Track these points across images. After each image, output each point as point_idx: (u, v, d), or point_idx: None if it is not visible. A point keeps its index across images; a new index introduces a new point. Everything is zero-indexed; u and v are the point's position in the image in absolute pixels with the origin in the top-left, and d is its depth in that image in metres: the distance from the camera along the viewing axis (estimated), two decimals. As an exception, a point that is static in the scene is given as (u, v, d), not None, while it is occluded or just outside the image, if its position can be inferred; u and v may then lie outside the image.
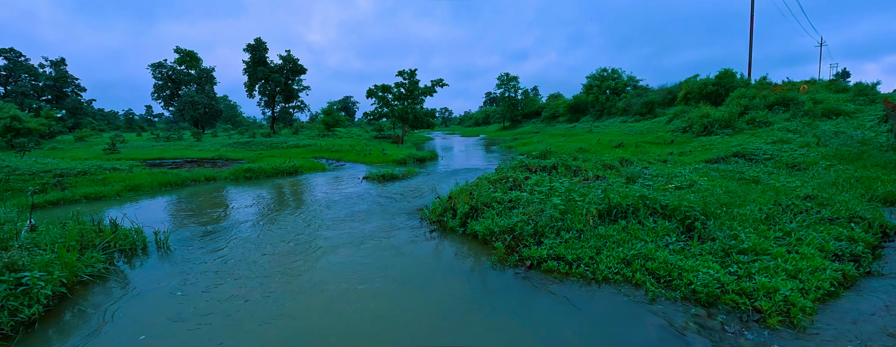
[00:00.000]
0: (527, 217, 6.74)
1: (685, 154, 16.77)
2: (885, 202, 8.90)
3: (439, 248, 7.23)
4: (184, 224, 9.48)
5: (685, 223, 6.57)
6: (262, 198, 12.75)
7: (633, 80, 49.05)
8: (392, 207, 10.73)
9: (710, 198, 7.54)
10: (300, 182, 16.03)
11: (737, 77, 32.47)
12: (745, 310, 4.46)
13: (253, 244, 7.76)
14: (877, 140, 14.88)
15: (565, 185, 8.23)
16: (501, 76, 67.43)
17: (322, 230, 8.71)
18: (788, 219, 6.87)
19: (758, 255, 5.48)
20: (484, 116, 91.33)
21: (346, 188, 14.08)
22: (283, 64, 47.00)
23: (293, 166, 18.74)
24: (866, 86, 26.48)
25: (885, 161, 11.91)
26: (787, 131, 18.60)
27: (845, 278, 5.21)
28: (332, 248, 7.40)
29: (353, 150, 27.60)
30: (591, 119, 46.83)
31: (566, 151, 19.94)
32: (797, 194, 8.52)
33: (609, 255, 5.63)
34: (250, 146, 31.37)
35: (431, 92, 42.93)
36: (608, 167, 12.31)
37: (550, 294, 5.12)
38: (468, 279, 5.78)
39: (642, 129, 30.71)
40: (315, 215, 10.09)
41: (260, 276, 6.12)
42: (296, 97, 51.41)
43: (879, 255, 6.17)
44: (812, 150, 14.52)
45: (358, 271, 6.21)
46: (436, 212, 8.49)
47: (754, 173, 11.14)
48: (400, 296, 5.33)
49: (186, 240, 8.16)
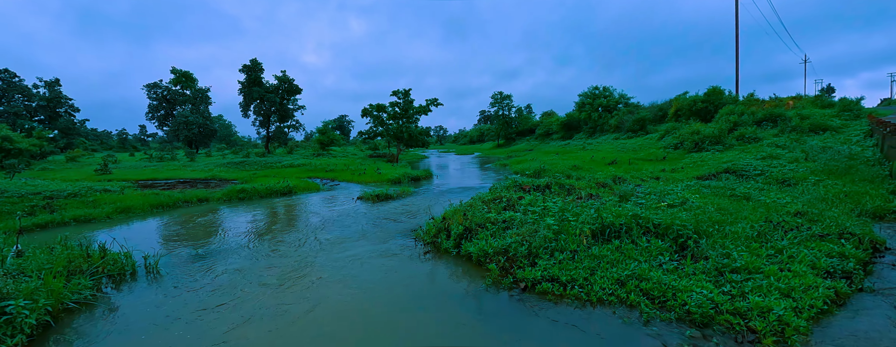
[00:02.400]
0: (521, 238, 6.73)
1: (677, 171, 16.95)
2: (873, 217, 9.01)
3: (433, 270, 7.17)
4: (175, 248, 9.35)
5: (678, 242, 6.59)
6: (255, 219, 12.64)
7: (624, 97, 49.93)
8: (386, 227, 10.67)
9: (702, 216, 7.60)
10: (294, 203, 15.94)
11: (725, 94, 33.19)
12: (740, 331, 4.44)
13: (245, 268, 7.65)
14: (863, 155, 15.16)
15: (559, 204, 8.27)
16: (495, 95, 68.42)
17: (315, 252, 8.62)
18: (780, 236, 6.92)
19: (751, 273, 5.49)
20: (479, 134, 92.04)
21: (340, 209, 14.01)
22: (279, 84, 47.44)
23: (287, 187, 18.66)
24: (851, 101, 27.12)
25: (873, 176, 12.10)
26: (776, 147, 18.92)
27: (838, 295, 5.22)
28: (325, 271, 7.32)
29: (348, 169, 27.59)
30: (585, 136, 47.37)
31: (560, 168, 20.06)
32: (788, 210, 8.61)
33: (603, 276, 5.62)
34: (244, 166, 31.27)
35: (426, 111, 43.35)
36: (601, 186, 12.39)
37: (545, 318, 5.07)
38: (462, 303, 5.72)
39: (635, 146, 31.08)
40: (308, 236, 10.00)
41: (251, 301, 6.01)
42: (291, 117, 51.65)
43: (870, 271, 6.21)
44: (801, 165, 14.74)
45: (351, 294, 6.13)
46: (430, 233, 8.46)
47: (745, 190, 11.26)
48: (393, 320, 5.25)
49: (178, 264, 8.03)
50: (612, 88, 50.57)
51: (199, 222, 12.39)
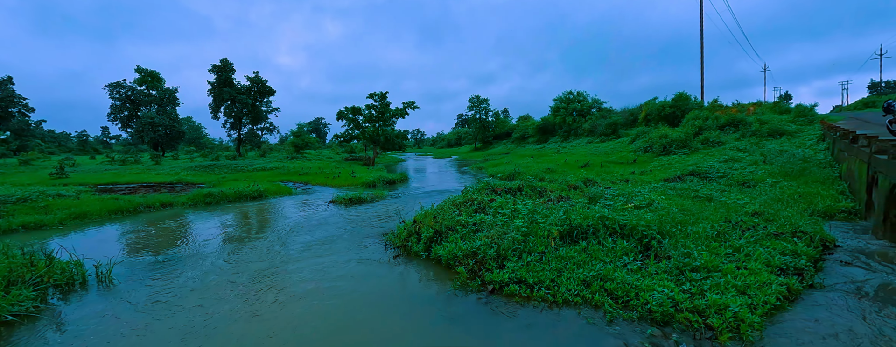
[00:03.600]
0: (490, 240, 6.73)
1: (646, 173, 17.45)
2: (824, 216, 9.51)
3: (403, 274, 7.07)
4: (132, 255, 8.89)
5: (643, 242, 6.74)
6: (222, 225, 12.20)
7: (597, 102, 51.18)
8: (358, 231, 10.49)
9: (666, 217, 7.81)
10: (264, 207, 15.49)
11: (691, 100, 34.50)
12: (698, 328, 4.56)
13: (208, 275, 7.34)
14: (816, 158, 16.01)
15: (529, 206, 8.33)
16: (472, 98, 68.89)
17: (283, 258, 8.37)
18: (738, 235, 7.19)
19: (710, 272, 5.66)
20: (456, 138, 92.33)
21: (311, 213, 13.70)
22: (251, 85, 46.21)
23: (257, 191, 18.12)
24: (806, 107, 28.70)
25: (824, 177, 12.80)
26: (738, 150, 19.75)
27: (790, 291, 5.45)
28: (293, 277, 7.10)
29: (322, 173, 27.08)
30: (559, 140, 48.22)
31: (534, 171, 20.32)
32: (746, 210, 8.97)
33: (570, 277, 5.67)
34: (213, 170, 30.23)
35: (403, 114, 43.16)
36: (573, 188, 12.60)
37: (511, 320, 5.07)
38: (430, 307, 5.65)
39: (607, 149, 31.84)
40: (277, 241, 9.72)
41: (213, 310, 5.75)
42: (264, 119, 50.39)
43: (821, 267, 6.52)
44: (759, 168, 15.43)
45: (320, 300, 5.96)
46: (400, 237, 8.36)
47: (708, 191, 11.68)
48: (360, 326, 5.13)
49: (134, 272, 7.63)
50: (585, 93, 51.79)
51: (160, 227, 11.85)
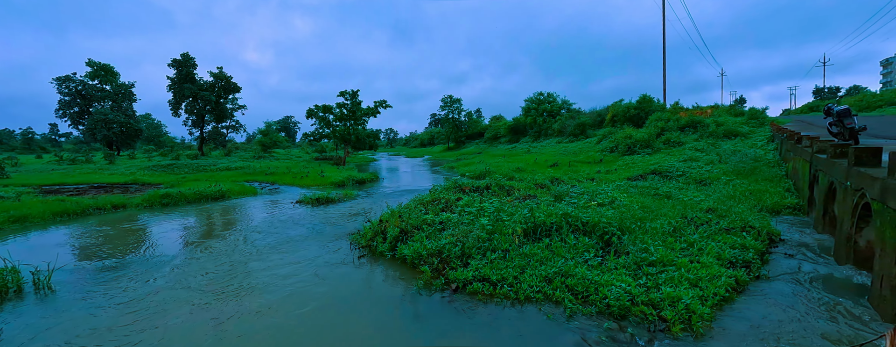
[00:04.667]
0: (455, 239, 6.72)
1: (611, 172, 17.98)
2: (772, 212, 10.08)
3: (368, 274, 6.95)
4: (76, 260, 8.32)
5: (604, 239, 6.92)
6: (180, 227, 11.62)
7: (566, 103, 52.37)
8: (324, 232, 10.25)
9: (626, 214, 8.05)
10: (226, 208, 14.89)
11: (655, 102, 35.89)
12: (653, 320, 4.70)
13: (159, 280, 6.95)
14: (766, 157, 16.98)
15: (495, 205, 8.38)
16: (445, 98, 68.86)
17: (244, 260, 8.05)
18: (692, 231, 7.50)
19: (665, 266, 5.87)
20: (429, 137, 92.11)
21: (276, 214, 13.28)
22: (215, 81, 44.33)
23: (219, 191, 17.41)
24: (758, 110, 30.52)
25: (772, 176, 13.59)
26: (696, 150, 20.68)
27: (738, 283, 5.72)
28: (253, 280, 6.83)
29: (290, 172, 26.35)
30: (530, 140, 48.99)
31: (504, 171, 20.54)
32: (701, 207, 9.38)
33: (532, 274, 5.73)
34: (173, 169, 28.82)
35: (375, 113, 42.67)
36: (540, 187, 12.80)
37: (474, 318, 5.06)
38: (393, 307, 5.57)
39: (575, 149, 32.63)
40: (237, 244, 9.35)
41: (164, 317, 5.44)
42: (229, 117, 48.50)
43: (767, 260, 6.90)
44: (715, 167, 16.21)
45: (280, 303, 5.76)
46: (366, 237, 8.22)
47: (667, 189, 12.16)
48: (324, 328, 4.99)
49: (78, 279, 7.13)
50: (555, 94, 52.86)
51: (111, 231, 11.16)
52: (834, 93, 69.50)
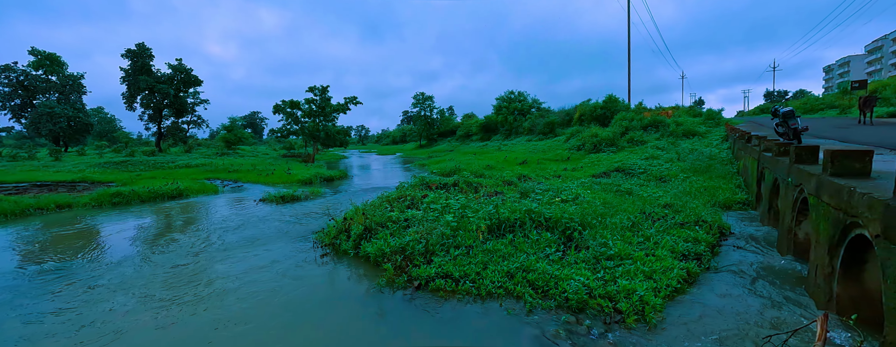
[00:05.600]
0: (419, 236, 6.67)
1: (577, 170, 18.42)
2: (724, 207, 10.61)
3: (331, 273, 6.79)
4: (12, 265, 7.68)
5: (566, 234, 7.05)
6: (131, 227, 10.97)
7: (536, 102, 53.24)
8: (287, 231, 9.94)
9: (588, 210, 8.24)
10: (184, 207, 14.19)
11: (620, 102, 37.07)
12: (609, 313, 4.83)
13: (105, 283, 6.52)
14: (720, 156, 17.89)
15: (461, 201, 8.39)
16: (417, 95, 68.45)
17: (199, 261, 7.68)
18: (649, 225, 7.77)
19: (622, 260, 6.05)
20: (401, 135, 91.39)
21: (238, 212, 12.78)
22: (173, 74, 42.07)
23: (177, 189, 16.58)
24: (714, 112, 32.24)
25: (725, 173, 14.32)
26: (657, 149, 21.53)
27: (689, 274, 5.97)
28: (208, 283, 6.53)
29: (255, 170, 25.44)
30: (501, 138, 49.54)
31: (474, 168, 20.64)
32: (659, 203, 9.74)
33: (494, 269, 5.77)
34: (127, 166, 27.20)
35: (345, 109, 41.87)
36: (507, 183, 12.94)
37: (436, 314, 5.04)
38: (355, 306, 5.46)
39: (544, 147, 33.24)
40: (193, 244, 8.92)
41: (114, 322, 5.10)
42: (189, 111, 46.23)
43: (717, 252, 7.24)
44: (674, 164, 16.92)
45: (239, 304, 5.53)
46: (330, 235, 8.03)
47: (629, 186, 12.57)
48: (284, 329, 4.82)
49: (11, 285, 6.58)
50: (525, 93, 53.62)
51: (52, 233, 10.39)
52: (782, 96, 74.22)
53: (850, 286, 4.56)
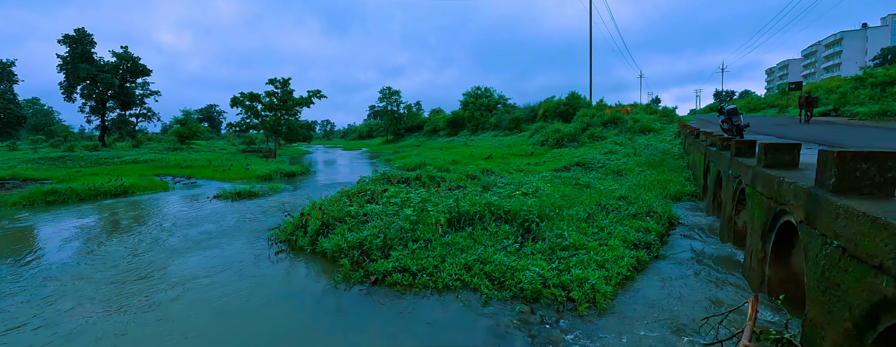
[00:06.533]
0: (377, 230, 6.56)
1: (540, 164, 18.83)
2: (674, 198, 11.17)
3: (286, 270, 6.56)
4: (-84, 269, 6.89)
5: (524, 226, 7.17)
6: (68, 228, 10.14)
7: (503, 98, 53.85)
8: (242, 228, 9.53)
9: (546, 202, 8.42)
10: (129, 205, 13.29)
11: (582, 99, 38.20)
12: (562, 301, 4.94)
13: (30, 289, 5.97)
14: (672, 151, 18.84)
15: (422, 195, 8.33)
16: (383, 90, 67.44)
17: (144, 262, 7.21)
18: (604, 217, 8.04)
19: (577, 250, 6.21)
20: (368, 130, 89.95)
21: (189, 210, 12.12)
22: (118, 62, 39.16)
23: (121, 186, 15.50)
24: (669, 109, 33.98)
25: (677, 167, 15.09)
26: (616, 144, 22.36)
27: (639, 263, 6.22)
28: (152, 285, 6.13)
29: (210, 165, 24.23)
30: (468, 133, 49.80)
31: (440, 163, 20.63)
32: (614, 195, 10.11)
33: (452, 262, 5.77)
34: (65, 162, 25.15)
35: (308, 103, 40.60)
36: (470, 178, 13.02)
37: (392, 309, 4.97)
38: (309, 303, 5.31)
39: (510, 142, 33.73)
40: (137, 244, 8.36)
41: (51, 329, 4.66)
42: (138, 104, 43.35)
43: (666, 241, 7.61)
44: (631, 159, 17.63)
45: (185, 309, 5.21)
46: (286, 231, 7.76)
47: (587, 179, 12.98)
48: (232, 332, 4.59)
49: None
50: (492, 89, 54.08)
51: (-29, 233, 9.43)
52: (729, 96, 79.21)
53: (780, 269, 4.91)
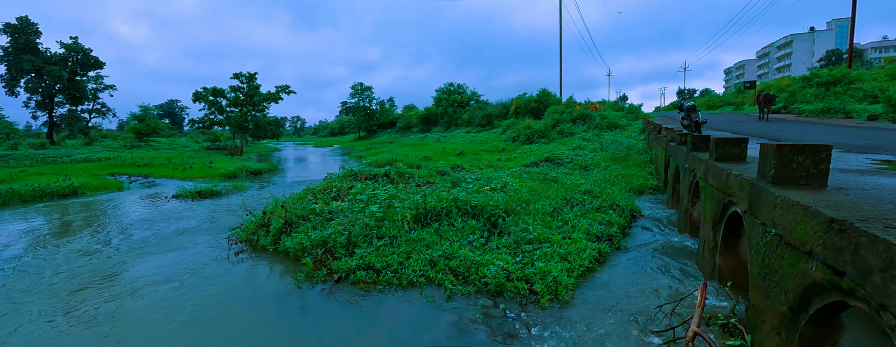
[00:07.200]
0: (342, 228, 6.44)
1: (511, 160, 19.04)
2: (637, 192, 11.54)
3: (248, 271, 6.33)
4: None
5: (491, 221, 7.22)
6: (8, 232, 9.42)
7: (475, 95, 54.14)
8: (202, 228, 9.14)
9: (514, 197, 8.51)
10: (80, 206, 12.50)
11: (552, 96, 38.90)
12: (525, 294, 5.01)
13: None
14: (637, 146, 19.49)
15: (390, 191, 8.25)
16: (355, 86, 66.39)
17: (92, 267, 6.78)
18: (569, 210, 8.22)
19: (541, 243, 6.31)
20: (340, 126, 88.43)
21: (145, 211, 11.52)
22: (67, 54, 36.71)
23: (70, 186, 14.55)
24: (635, 106, 35.26)
25: (640, 161, 15.61)
26: (584, 140, 22.91)
27: (601, 254, 6.39)
28: (100, 293, 5.77)
29: (170, 163, 23.13)
30: (441, 129, 49.81)
31: (412, 159, 20.51)
32: (580, 189, 10.35)
33: (417, 258, 5.73)
34: (8, 161, 23.39)
35: (276, 98, 39.42)
36: (441, 174, 13.01)
37: (355, 307, 4.89)
38: (273, 303, 5.15)
39: (482, 138, 33.96)
40: (86, 248, 7.86)
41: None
42: (90, 99, 40.82)
43: (628, 233, 7.85)
44: (598, 154, 18.11)
45: (137, 317, 4.93)
46: (247, 230, 7.50)
47: (555, 174, 13.23)
48: (182, 338, 4.38)
49: None
50: (465, 86, 54.28)
51: None
52: (691, 94, 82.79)
53: (729, 258, 5.15)
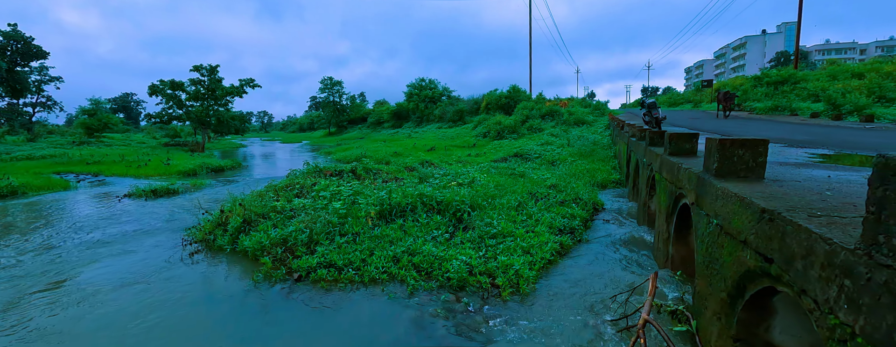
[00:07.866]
0: (303, 225, 6.27)
1: (481, 155, 19.17)
2: (601, 186, 11.89)
3: (202, 273, 6.07)
4: None
5: (456, 216, 7.23)
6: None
7: (447, 90, 54.05)
8: (156, 229, 8.69)
9: (480, 192, 8.56)
10: (20, 207, 11.60)
11: (522, 92, 39.43)
12: (487, 288, 5.05)
13: None
14: (602, 142, 20.07)
15: (354, 188, 8.11)
16: (325, 80, 64.71)
17: (30, 273, 6.30)
18: (533, 205, 8.35)
19: (505, 237, 6.38)
20: (309, 122, 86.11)
21: (94, 211, 10.83)
22: (6, 43, 33.91)
23: (9, 186, 13.49)
24: (602, 103, 36.34)
25: (605, 156, 16.09)
26: (552, 136, 23.35)
27: (563, 247, 6.54)
28: (42, 302, 5.37)
29: (123, 161, 21.84)
30: (413, 125, 49.50)
31: (382, 155, 20.31)
32: (546, 184, 10.54)
33: (380, 255, 5.67)
34: (-64, 159, 21.41)
35: (240, 93, 37.91)
36: (409, 169, 12.93)
37: (315, 306, 4.79)
38: (230, 304, 4.96)
39: (453, 134, 34.02)
40: (24, 252, 7.30)
41: None
42: (33, 92, 37.94)
43: (589, 226, 8.07)
44: (565, 149, 18.51)
45: (88, 323, 4.62)
46: (204, 230, 7.18)
47: (523, 169, 13.42)
48: (138, 342, 4.14)
49: None
50: (436, 81, 54.06)
51: None
52: (654, 91, 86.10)
53: (680, 248, 5.38)
